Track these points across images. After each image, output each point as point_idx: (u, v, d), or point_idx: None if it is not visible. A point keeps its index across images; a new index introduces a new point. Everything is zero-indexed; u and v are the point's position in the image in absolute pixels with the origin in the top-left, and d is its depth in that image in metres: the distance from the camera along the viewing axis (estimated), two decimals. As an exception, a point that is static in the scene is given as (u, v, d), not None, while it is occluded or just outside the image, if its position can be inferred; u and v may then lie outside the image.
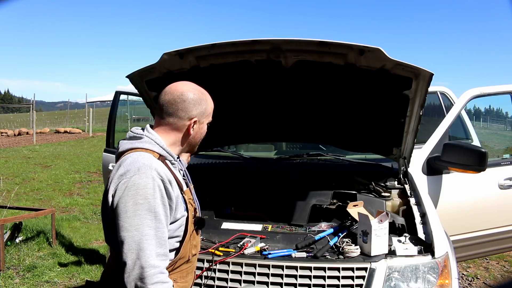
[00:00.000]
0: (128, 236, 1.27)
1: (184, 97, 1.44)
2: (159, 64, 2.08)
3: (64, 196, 7.63)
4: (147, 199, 1.29)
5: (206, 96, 1.50)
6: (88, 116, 21.74)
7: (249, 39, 1.94)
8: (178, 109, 1.43)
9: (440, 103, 4.13)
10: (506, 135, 24.20)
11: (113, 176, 1.35)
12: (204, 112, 1.48)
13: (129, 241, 1.26)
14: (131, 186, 1.29)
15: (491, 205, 3.22)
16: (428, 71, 1.94)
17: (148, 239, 1.27)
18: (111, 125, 4.25)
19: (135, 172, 1.31)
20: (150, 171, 1.32)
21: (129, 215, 1.28)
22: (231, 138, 2.97)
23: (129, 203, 1.28)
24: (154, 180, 1.31)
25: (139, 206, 1.28)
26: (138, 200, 1.28)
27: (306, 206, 2.32)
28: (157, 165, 1.35)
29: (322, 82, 2.29)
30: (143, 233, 1.27)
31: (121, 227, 1.28)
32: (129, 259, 1.26)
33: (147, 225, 1.28)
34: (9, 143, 17.34)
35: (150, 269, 1.26)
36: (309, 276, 1.79)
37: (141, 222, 1.28)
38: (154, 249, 1.28)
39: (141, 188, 1.29)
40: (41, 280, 3.84)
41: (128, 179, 1.30)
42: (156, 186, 1.31)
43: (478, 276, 4.07)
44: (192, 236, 1.48)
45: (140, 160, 1.34)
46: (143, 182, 1.30)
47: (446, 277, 1.82)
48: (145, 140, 1.42)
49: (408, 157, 2.55)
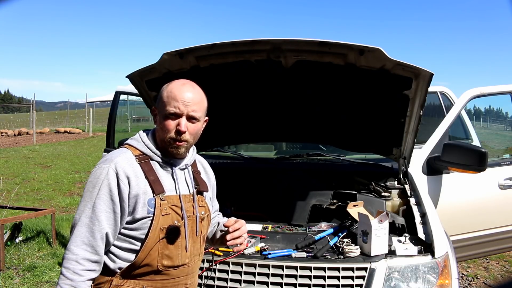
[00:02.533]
0: (75, 217, 1.37)
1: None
2: (159, 64, 2.08)
3: (64, 196, 7.63)
4: (94, 188, 1.35)
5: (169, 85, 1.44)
6: (88, 116, 21.73)
7: (249, 39, 1.94)
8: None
9: (440, 103, 4.13)
10: (506, 135, 24.20)
11: None
12: (160, 101, 1.42)
13: (73, 220, 1.37)
14: (92, 174, 1.39)
15: (491, 205, 3.22)
16: (428, 71, 1.94)
17: (80, 226, 1.34)
18: (111, 125, 4.25)
19: (101, 163, 1.39)
20: (108, 164, 1.36)
21: (81, 200, 1.38)
22: (231, 138, 2.97)
23: (84, 189, 1.39)
24: (107, 173, 1.35)
25: (86, 193, 1.36)
26: (88, 188, 1.37)
27: (306, 206, 2.32)
28: (120, 159, 1.38)
29: (322, 82, 2.29)
30: (79, 219, 1.34)
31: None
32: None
33: (83, 212, 1.35)
34: (9, 143, 17.34)
35: (68, 253, 1.32)
36: (309, 276, 1.79)
37: (83, 208, 1.35)
38: (82, 237, 1.33)
39: (94, 178, 1.36)
40: (41, 280, 3.84)
41: (95, 168, 1.39)
42: (105, 179, 1.34)
43: (478, 276, 4.07)
44: (161, 244, 1.38)
45: (112, 153, 1.42)
46: (98, 173, 1.36)
47: (446, 277, 1.82)
48: (135, 137, 1.48)
49: (408, 157, 2.54)
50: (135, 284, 1.39)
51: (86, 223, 1.33)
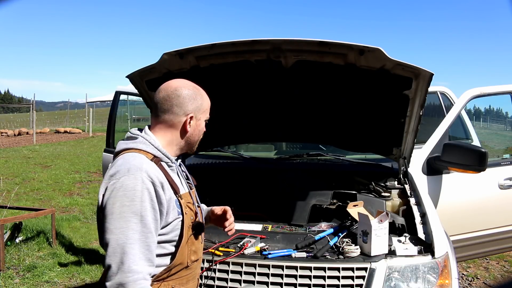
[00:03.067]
0: (113, 238, 1.23)
1: (179, 93, 1.40)
2: (159, 64, 2.08)
3: (64, 196, 7.63)
4: (134, 201, 1.25)
5: (201, 91, 1.47)
6: (88, 116, 21.74)
7: (249, 39, 1.94)
8: (173, 105, 1.40)
9: (440, 103, 4.13)
10: (506, 135, 24.21)
11: (104, 176, 1.34)
12: (200, 108, 1.44)
13: (113, 244, 1.23)
14: (119, 187, 1.26)
15: (491, 205, 3.22)
16: (428, 71, 1.94)
17: (132, 243, 1.23)
18: (111, 125, 4.25)
19: (125, 173, 1.28)
20: (140, 173, 1.28)
21: (114, 217, 1.24)
22: (231, 138, 2.97)
23: (116, 205, 1.25)
24: (143, 183, 1.27)
25: (125, 208, 1.25)
26: (125, 202, 1.25)
27: (306, 206, 2.32)
28: (148, 166, 1.31)
29: (322, 82, 2.29)
30: (127, 236, 1.23)
31: (107, 229, 1.24)
32: (113, 262, 1.22)
33: (132, 228, 1.24)
34: (9, 143, 17.34)
35: (132, 274, 1.22)
36: (309, 276, 1.79)
37: (126, 225, 1.24)
38: (138, 253, 1.24)
39: (128, 190, 1.26)
40: (41, 280, 3.84)
41: (117, 180, 1.27)
42: (144, 189, 1.27)
43: (478, 276, 4.07)
44: (190, 241, 1.42)
45: (131, 161, 1.31)
46: (132, 184, 1.26)
47: (446, 277, 1.82)
48: (140, 140, 1.39)
49: (408, 157, 2.54)
50: (165, 286, 1.38)
51: (138, 238, 1.24)
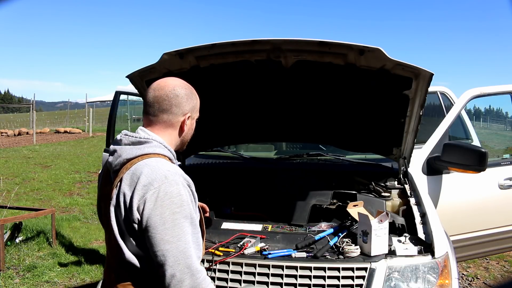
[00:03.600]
0: (172, 248, 1.22)
1: (177, 92, 1.39)
2: (159, 64, 2.08)
3: (64, 196, 7.63)
4: (183, 206, 1.25)
5: (194, 91, 1.47)
6: (88, 116, 21.74)
7: (249, 39, 1.94)
8: (172, 105, 1.38)
9: (440, 103, 4.13)
10: (506, 135, 24.22)
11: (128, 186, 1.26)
12: (195, 107, 1.46)
13: (174, 253, 1.22)
14: (163, 196, 1.23)
15: (491, 205, 3.23)
16: (428, 71, 1.94)
17: (190, 246, 1.25)
18: (111, 125, 4.25)
19: (163, 180, 1.25)
20: (178, 178, 1.28)
21: (168, 227, 1.22)
22: (231, 138, 2.97)
23: (165, 214, 1.23)
24: (184, 187, 1.28)
25: (176, 215, 1.23)
26: (175, 209, 1.24)
27: (306, 206, 2.32)
28: (179, 170, 1.32)
29: (322, 82, 2.29)
30: (186, 242, 1.24)
31: (161, 240, 1.22)
32: (177, 270, 1.21)
33: (187, 232, 1.25)
34: (9, 143, 17.34)
35: (199, 274, 1.25)
36: (309, 276, 1.78)
37: (181, 231, 1.24)
38: (194, 254, 1.26)
39: (174, 197, 1.24)
40: (41, 280, 3.84)
41: (157, 189, 1.23)
42: (187, 192, 1.29)
43: (478, 276, 4.07)
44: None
45: (162, 167, 1.28)
46: (175, 190, 1.25)
47: (446, 277, 1.82)
48: (155, 144, 1.34)
49: (408, 157, 2.54)
50: None
51: (192, 240, 1.26)
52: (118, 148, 1.36)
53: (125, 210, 1.26)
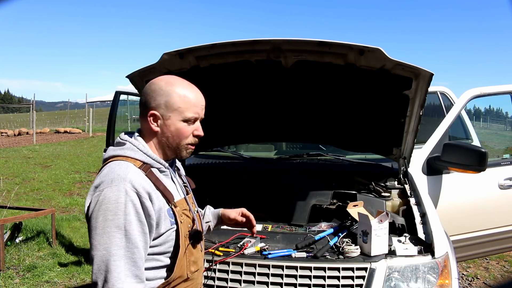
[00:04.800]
0: (97, 255, 1.15)
1: (147, 90, 1.29)
2: (159, 64, 2.08)
3: (64, 196, 7.63)
4: (117, 215, 1.16)
5: (174, 87, 1.29)
6: (88, 116, 21.74)
7: (249, 39, 1.94)
8: (141, 105, 1.31)
9: (440, 103, 4.13)
10: (506, 135, 24.22)
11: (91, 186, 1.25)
12: (167, 105, 1.28)
13: (98, 261, 1.15)
14: (102, 200, 1.18)
15: (491, 205, 3.23)
16: (428, 71, 1.94)
17: (116, 260, 1.15)
18: (111, 125, 4.25)
19: (108, 184, 1.19)
20: (124, 184, 1.18)
21: (98, 232, 1.16)
22: (231, 138, 2.97)
23: (99, 219, 1.17)
24: (127, 194, 1.17)
25: (108, 222, 1.16)
26: (108, 216, 1.16)
27: (306, 206, 2.32)
28: (133, 176, 1.21)
29: (322, 82, 2.29)
30: (111, 253, 1.15)
31: (91, 244, 1.17)
32: (99, 280, 1.15)
33: (115, 244, 1.15)
34: (9, 143, 17.34)
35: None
36: (309, 276, 1.78)
37: (110, 240, 1.15)
38: (124, 271, 1.15)
39: (111, 203, 1.17)
40: (41, 280, 3.84)
41: (100, 192, 1.19)
42: (128, 201, 1.17)
43: (478, 276, 4.07)
44: (188, 251, 1.33)
45: (116, 170, 1.22)
46: (114, 196, 1.17)
47: (446, 277, 1.82)
48: (127, 146, 1.29)
49: (408, 157, 2.54)
50: None
51: (123, 254, 1.16)
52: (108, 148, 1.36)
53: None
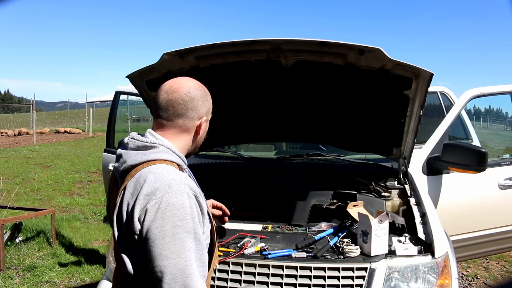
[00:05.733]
0: (170, 264, 1.12)
1: (192, 95, 1.30)
2: (159, 64, 2.08)
3: (64, 196, 7.64)
4: (186, 219, 1.15)
5: (206, 90, 1.38)
6: (88, 116, 21.74)
7: (249, 39, 1.94)
8: (188, 109, 1.29)
9: (440, 103, 4.13)
10: (506, 135, 24.22)
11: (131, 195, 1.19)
12: (210, 109, 1.38)
13: (173, 270, 1.12)
14: (164, 207, 1.14)
15: (491, 205, 3.22)
16: (428, 71, 1.94)
17: (192, 264, 1.15)
18: (111, 125, 4.26)
19: (166, 190, 1.15)
20: (184, 188, 1.17)
21: (167, 241, 1.13)
22: (231, 138, 2.97)
23: (165, 227, 1.13)
24: (189, 198, 1.17)
25: (178, 229, 1.13)
26: (176, 222, 1.14)
27: (306, 206, 2.32)
28: (186, 179, 1.22)
29: (322, 82, 2.29)
30: (186, 259, 1.14)
31: (159, 255, 1.12)
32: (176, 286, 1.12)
33: (189, 248, 1.15)
34: (9, 143, 17.34)
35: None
36: (309, 276, 1.78)
37: (182, 246, 1.14)
38: (197, 273, 1.16)
39: (177, 209, 1.14)
40: (41, 280, 3.84)
41: (159, 200, 1.14)
42: (192, 204, 1.18)
43: (478, 276, 4.07)
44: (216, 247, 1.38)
45: (167, 175, 1.18)
46: (179, 201, 1.15)
47: (446, 277, 1.82)
48: (162, 149, 1.25)
49: (408, 157, 2.54)
50: None
51: (195, 257, 1.16)
52: (124, 153, 1.28)
53: (126, 220, 1.18)
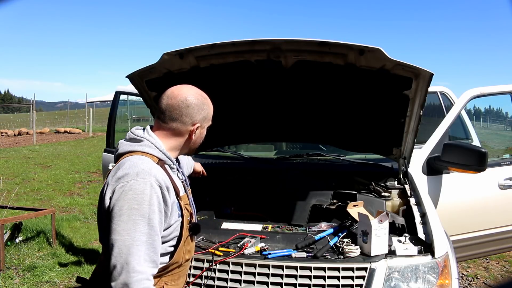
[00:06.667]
0: (119, 239, 1.27)
1: (188, 103, 1.45)
2: (159, 64, 2.08)
3: (64, 196, 7.63)
4: (142, 205, 1.29)
5: (208, 100, 1.53)
6: (88, 116, 21.74)
7: (249, 39, 1.94)
8: (182, 115, 1.45)
9: (440, 103, 4.13)
10: (506, 135, 24.21)
11: (110, 178, 1.36)
12: (206, 117, 1.52)
13: (120, 245, 1.26)
14: (128, 190, 1.30)
15: (491, 205, 3.22)
16: (428, 71, 1.94)
17: (138, 245, 1.27)
18: (111, 125, 4.25)
19: (134, 177, 1.32)
20: (149, 177, 1.32)
21: (122, 219, 1.28)
22: (231, 138, 2.97)
23: (124, 207, 1.29)
24: (152, 187, 1.32)
25: (133, 211, 1.28)
26: (133, 205, 1.29)
27: (306, 206, 2.32)
28: (156, 171, 1.36)
29: (322, 82, 2.29)
30: (134, 238, 1.27)
31: (114, 230, 1.28)
32: (118, 263, 1.26)
33: (139, 230, 1.28)
34: (9, 143, 17.34)
35: (136, 274, 1.25)
36: (309, 276, 1.78)
37: (134, 227, 1.28)
38: (143, 255, 1.28)
39: (138, 194, 1.30)
40: (41, 280, 3.84)
41: (125, 183, 1.31)
42: (153, 193, 1.31)
43: (478, 276, 4.07)
44: (186, 241, 1.49)
45: (139, 165, 1.35)
46: (140, 188, 1.30)
47: (446, 277, 1.82)
48: (145, 143, 1.43)
49: (408, 157, 2.54)
50: (159, 282, 1.44)
51: (145, 240, 1.29)
52: (120, 142, 1.48)
53: (103, 199, 1.36)
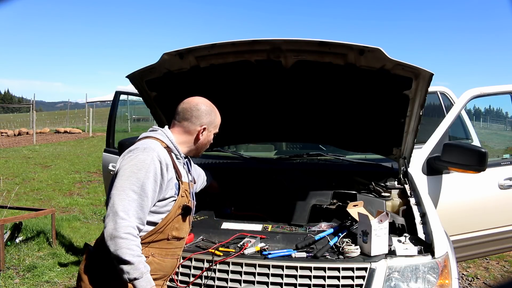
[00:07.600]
0: (116, 193, 1.53)
1: (199, 107, 1.78)
2: (159, 64, 2.08)
3: (64, 196, 7.63)
4: (141, 170, 1.57)
5: (216, 110, 1.84)
6: (88, 116, 21.74)
7: (249, 39, 1.94)
8: (193, 116, 1.77)
9: (440, 103, 4.13)
10: (506, 135, 24.21)
11: (124, 152, 1.65)
12: (213, 122, 1.82)
13: (115, 198, 1.52)
14: (133, 158, 1.60)
15: (491, 205, 3.22)
16: (428, 71, 1.94)
17: (130, 201, 1.52)
18: (111, 125, 4.25)
19: (141, 151, 1.62)
20: (152, 152, 1.61)
21: (123, 178, 1.56)
22: (231, 138, 2.96)
23: (127, 170, 1.57)
24: (152, 159, 1.60)
25: (132, 174, 1.56)
26: (134, 169, 1.57)
27: (306, 206, 2.32)
28: (159, 150, 1.65)
29: (322, 82, 2.29)
30: (128, 194, 1.53)
31: (114, 186, 1.56)
32: (110, 212, 1.50)
33: (132, 190, 1.54)
34: (9, 143, 17.34)
35: (124, 221, 1.49)
36: (309, 276, 1.79)
37: (129, 186, 1.54)
38: (132, 210, 1.52)
39: (139, 162, 1.58)
40: (41, 280, 3.84)
41: (133, 154, 1.61)
42: (152, 164, 1.59)
43: (478, 276, 4.07)
44: (176, 218, 1.69)
45: (148, 143, 1.66)
46: (143, 158, 1.59)
47: (446, 277, 1.82)
48: (159, 132, 1.76)
49: (408, 157, 2.54)
50: (145, 251, 1.61)
51: (135, 198, 1.54)
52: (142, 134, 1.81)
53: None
